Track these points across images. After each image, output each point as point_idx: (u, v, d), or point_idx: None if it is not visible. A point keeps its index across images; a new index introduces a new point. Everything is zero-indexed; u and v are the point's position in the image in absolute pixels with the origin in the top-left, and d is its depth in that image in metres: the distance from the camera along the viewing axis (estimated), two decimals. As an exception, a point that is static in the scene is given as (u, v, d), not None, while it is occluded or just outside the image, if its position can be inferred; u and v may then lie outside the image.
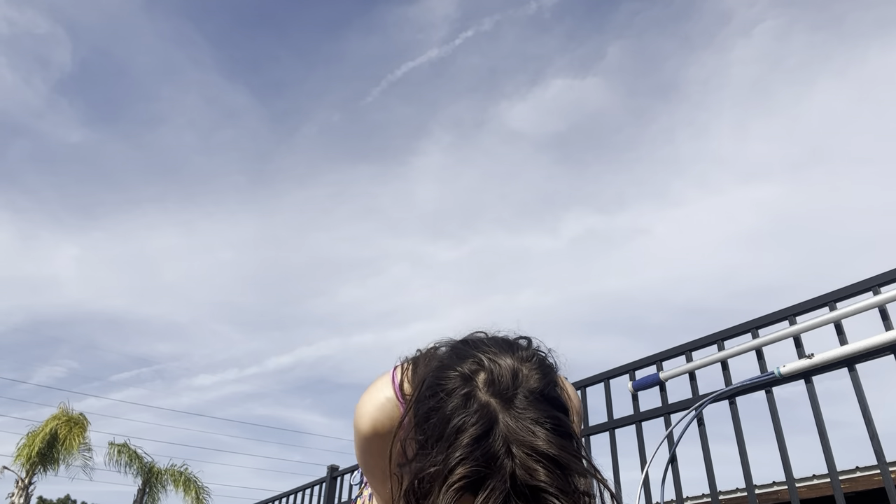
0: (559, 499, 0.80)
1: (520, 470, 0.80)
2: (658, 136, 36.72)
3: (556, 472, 0.81)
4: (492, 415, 0.83)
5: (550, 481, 0.80)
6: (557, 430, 0.85)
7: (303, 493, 4.88)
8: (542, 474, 0.80)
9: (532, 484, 0.80)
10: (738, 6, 33.68)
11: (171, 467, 19.21)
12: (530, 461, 0.81)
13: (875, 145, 32.24)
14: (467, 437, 0.82)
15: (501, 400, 0.85)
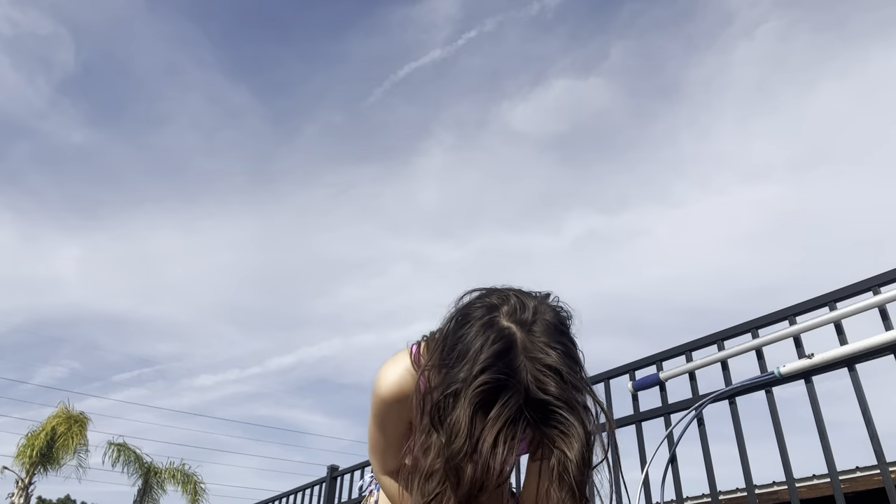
0: (565, 410, 0.92)
1: (532, 383, 0.92)
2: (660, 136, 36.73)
3: (564, 387, 0.93)
4: (512, 336, 0.95)
5: (559, 394, 0.92)
6: (567, 354, 0.97)
7: (303, 493, 4.88)
8: (552, 387, 0.92)
9: (542, 397, 0.92)
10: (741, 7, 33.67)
11: (170, 466, 19.22)
12: (542, 375, 0.93)
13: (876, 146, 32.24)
14: (490, 351, 0.93)
15: (520, 326, 0.97)
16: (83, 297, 46.10)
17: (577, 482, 0.94)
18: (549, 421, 0.93)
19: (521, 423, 0.92)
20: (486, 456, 0.91)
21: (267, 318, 51.54)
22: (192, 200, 44.43)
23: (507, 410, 0.91)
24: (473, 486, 0.93)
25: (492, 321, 0.98)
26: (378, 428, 1.26)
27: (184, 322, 50.40)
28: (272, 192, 43.81)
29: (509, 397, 0.91)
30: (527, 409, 0.92)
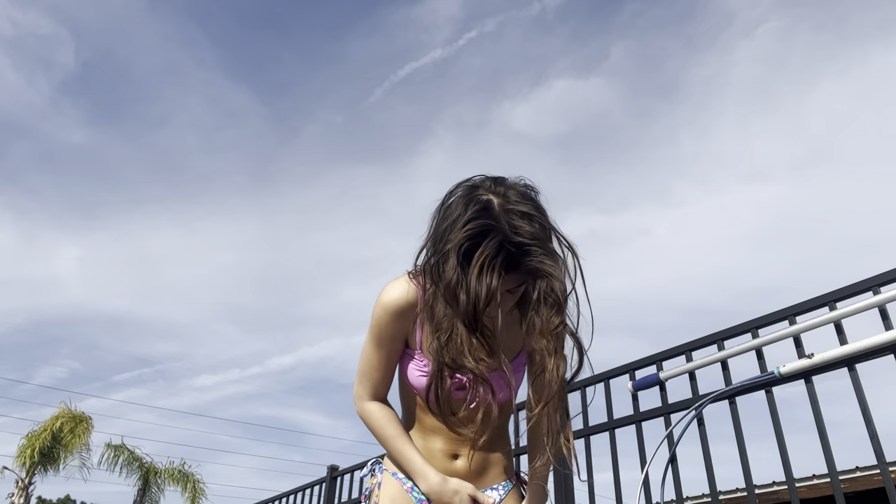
0: (539, 246, 1.13)
1: (509, 229, 1.11)
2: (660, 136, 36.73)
3: (537, 231, 1.13)
4: (489, 200, 1.15)
5: (533, 234, 1.13)
6: (537, 209, 1.18)
7: (303, 493, 4.88)
8: (527, 229, 1.12)
9: (518, 239, 1.11)
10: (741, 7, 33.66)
11: (170, 466, 19.21)
12: (517, 222, 1.12)
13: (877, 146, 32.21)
14: (471, 212, 1.13)
15: (496, 194, 1.17)
16: (83, 297, 46.11)
17: (560, 297, 1.15)
18: (527, 256, 1.12)
19: (501, 257, 1.10)
20: (473, 284, 1.10)
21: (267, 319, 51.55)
22: (192, 200, 44.45)
23: (489, 248, 1.10)
24: (468, 312, 1.12)
25: (471, 195, 1.18)
26: (376, 343, 1.39)
27: (184, 322, 50.43)
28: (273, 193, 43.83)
29: (490, 238, 1.11)
30: (507, 245, 1.10)
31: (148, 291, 44.20)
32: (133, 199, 42.10)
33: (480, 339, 1.18)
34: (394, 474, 1.47)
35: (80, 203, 43.48)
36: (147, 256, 42.68)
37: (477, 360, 1.21)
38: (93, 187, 43.59)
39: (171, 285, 45.33)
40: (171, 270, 45.22)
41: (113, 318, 47.04)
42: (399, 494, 1.42)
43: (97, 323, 48.24)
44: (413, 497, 1.42)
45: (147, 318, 45.94)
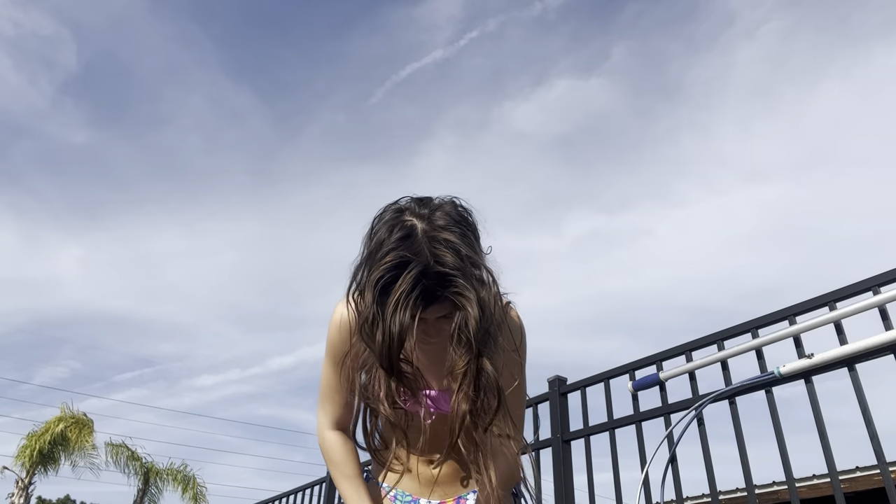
0: (460, 277, 1.06)
1: (431, 258, 1.05)
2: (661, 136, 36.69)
3: (460, 260, 1.06)
4: (413, 226, 1.09)
5: (455, 264, 1.05)
6: (464, 235, 1.11)
7: (303, 493, 4.88)
8: (449, 259, 1.05)
9: (439, 269, 1.05)
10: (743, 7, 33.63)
11: (170, 467, 19.20)
12: (439, 251, 1.05)
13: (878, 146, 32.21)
14: (395, 239, 1.07)
15: (420, 218, 1.10)
16: (84, 298, 46.11)
17: (474, 336, 1.07)
18: (448, 287, 1.06)
19: (418, 290, 1.04)
20: (388, 321, 1.05)
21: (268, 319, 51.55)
22: (193, 201, 44.44)
23: (406, 283, 1.04)
24: (383, 354, 1.07)
25: (396, 219, 1.12)
26: (331, 363, 1.37)
27: (185, 322, 50.43)
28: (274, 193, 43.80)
29: (410, 271, 1.04)
30: (425, 279, 1.04)
31: (149, 292, 44.21)
32: (134, 200, 42.10)
33: (398, 382, 1.13)
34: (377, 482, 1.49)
35: (82, 203, 43.46)
36: (148, 256, 42.69)
37: (391, 405, 1.17)
38: (94, 187, 43.58)
39: (173, 285, 45.35)
40: (173, 270, 45.25)
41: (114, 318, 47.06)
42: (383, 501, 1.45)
43: (98, 323, 48.24)
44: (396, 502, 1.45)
45: (148, 319, 45.97)
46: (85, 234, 44.50)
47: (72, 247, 45.33)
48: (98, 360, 48.79)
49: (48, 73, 38.24)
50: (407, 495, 1.46)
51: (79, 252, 44.99)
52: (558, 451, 2.83)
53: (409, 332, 1.06)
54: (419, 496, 1.46)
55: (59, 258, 43.17)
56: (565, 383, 2.97)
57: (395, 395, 1.17)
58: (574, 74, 38.36)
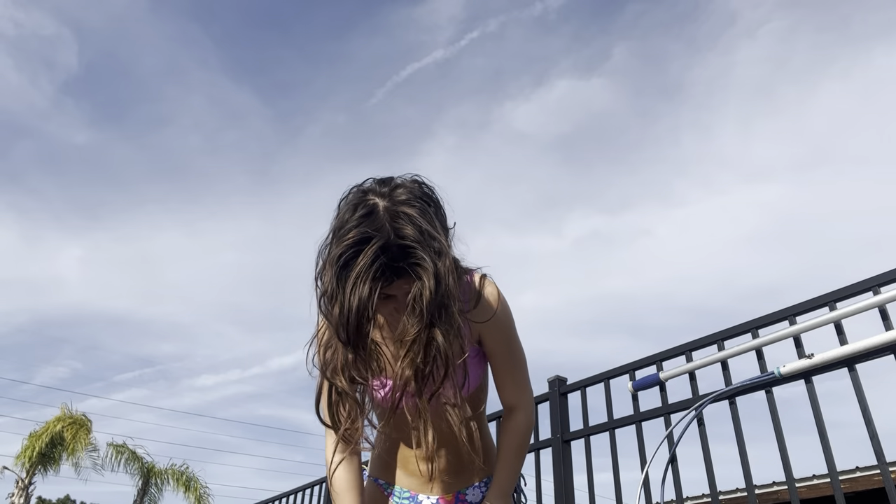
0: (419, 249, 1.08)
1: (391, 232, 1.07)
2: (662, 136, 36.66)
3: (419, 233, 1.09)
4: (374, 203, 1.11)
5: (414, 236, 1.08)
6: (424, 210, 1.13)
7: (303, 493, 4.88)
8: (409, 231, 1.08)
9: (399, 242, 1.07)
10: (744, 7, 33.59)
11: (171, 467, 19.20)
12: (399, 225, 1.08)
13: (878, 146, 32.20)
14: (357, 216, 1.10)
15: (382, 196, 1.13)
16: (85, 298, 46.09)
17: (427, 308, 1.09)
18: (407, 258, 1.08)
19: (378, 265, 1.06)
20: (346, 294, 1.07)
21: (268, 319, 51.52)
22: (194, 201, 44.41)
23: (366, 258, 1.06)
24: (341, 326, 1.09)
25: (359, 199, 1.14)
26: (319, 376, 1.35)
27: (185, 322, 50.40)
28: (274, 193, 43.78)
29: (371, 246, 1.07)
30: (385, 253, 1.07)
31: (149, 292, 44.19)
32: (135, 200, 42.07)
33: (358, 354, 1.15)
34: (375, 479, 1.50)
35: (82, 203, 43.45)
36: (149, 257, 42.67)
37: (348, 378, 1.18)
38: (95, 188, 43.57)
39: (173, 285, 45.33)
40: (173, 271, 45.25)
41: (114, 318, 47.06)
42: (380, 498, 1.47)
43: (99, 323, 48.23)
44: (393, 500, 1.46)
45: (148, 319, 45.96)
46: (85, 234, 44.49)
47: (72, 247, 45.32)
48: (98, 360, 48.80)
49: (49, 73, 38.23)
50: (405, 492, 1.46)
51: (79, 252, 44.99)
52: (558, 451, 2.83)
53: (368, 305, 1.07)
54: (417, 492, 1.46)
55: (59, 258, 43.17)
56: (565, 383, 2.97)
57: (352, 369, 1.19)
58: (575, 75, 38.33)
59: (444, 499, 1.45)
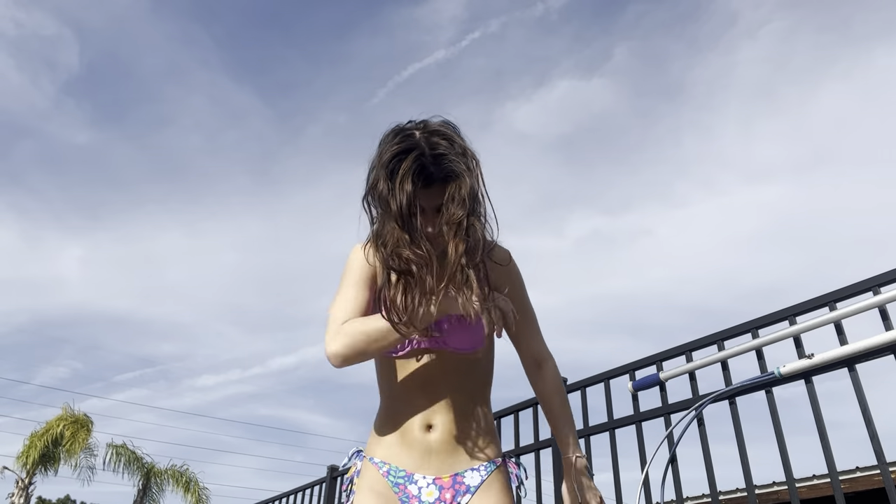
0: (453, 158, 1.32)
1: (428, 147, 1.32)
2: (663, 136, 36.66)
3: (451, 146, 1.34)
4: (413, 130, 1.36)
5: (448, 148, 1.33)
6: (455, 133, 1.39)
7: (303, 493, 4.89)
8: (444, 145, 1.33)
9: (436, 152, 1.32)
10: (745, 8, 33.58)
11: (171, 468, 19.19)
12: (435, 140, 1.33)
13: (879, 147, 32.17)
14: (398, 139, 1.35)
15: (419, 127, 1.37)
16: (86, 298, 46.09)
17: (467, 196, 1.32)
18: (443, 165, 1.32)
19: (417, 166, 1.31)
20: (398, 190, 1.31)
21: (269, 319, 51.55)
22: (195, 201, 44.43)
23: (408, 161, 1.31)
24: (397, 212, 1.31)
25: (398, 130, 1.38)
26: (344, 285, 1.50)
27: (186, 322, 50.42)
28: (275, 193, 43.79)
29: (411, 155, 1.31)
30: (423, 158, 1.31)
31: (150, 292, 44.16)
32: (136, 200, 42.06)
33: (414, 235, 1.33)
34: (371, 459, 1.47)
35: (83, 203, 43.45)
36: (149, 257, 42.66)
37: (410, 250, 1.33)
38: (95, 188, 43.57)
39: (174, 285, 45.32)
40: (174, 271, 45.24)
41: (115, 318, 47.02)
42: (377, 480, 1.42)
43: (99, 323, 48.22)
44: (389, 481, 1.42)
45: (149, 319, 45.97)
46: (86, 234, 44.51)
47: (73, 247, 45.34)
48: (99, 360, 48.78)
49: (50, 73, 38.25)
50: (401, 471, 1.43)
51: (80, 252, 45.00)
52: (559, 451, 2.83)
53: (413, 198, 1.31)
54: (414, 471, 1.43)
55: (60, 258, 43.19)
56: (565, 383, 2.97)
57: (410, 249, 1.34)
58: (576, 75, 38.36)
59: (440, 479, 1.42)
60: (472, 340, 1.47)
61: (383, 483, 1.42)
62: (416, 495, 1.39)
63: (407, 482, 1.41)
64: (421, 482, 1.41)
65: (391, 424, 1.48)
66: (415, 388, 1.47)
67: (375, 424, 1.54)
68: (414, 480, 1.42)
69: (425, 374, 1.47)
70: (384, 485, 1.42)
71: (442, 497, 1.40)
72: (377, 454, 1.47)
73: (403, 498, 1.40)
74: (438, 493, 1.40)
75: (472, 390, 1.51)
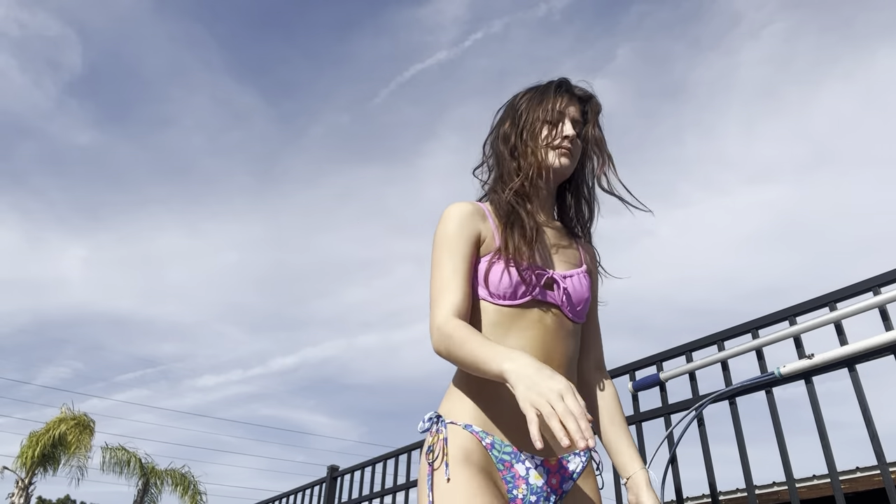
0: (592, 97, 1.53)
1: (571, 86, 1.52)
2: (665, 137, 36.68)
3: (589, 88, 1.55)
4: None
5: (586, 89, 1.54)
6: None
7: (303, 493, 4.88)
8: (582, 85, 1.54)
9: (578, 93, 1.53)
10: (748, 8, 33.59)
11: (170, 468, 19.20)
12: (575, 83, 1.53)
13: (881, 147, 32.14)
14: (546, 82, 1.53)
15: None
16: (87, 298, 46.12)
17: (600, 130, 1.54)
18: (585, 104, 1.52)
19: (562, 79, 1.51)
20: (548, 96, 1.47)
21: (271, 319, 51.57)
22: (197, 201, 44.46)
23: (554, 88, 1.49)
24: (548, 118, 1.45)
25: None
26: (447, 253, 1.34)
27: (187, 322, 50.46)
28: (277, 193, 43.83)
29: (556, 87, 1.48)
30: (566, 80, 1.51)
31: (152, 292, 44.23)
32: (138, 200, 42.13)
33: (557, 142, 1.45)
34: (468, 427, 1.24)
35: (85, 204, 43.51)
36: (151, 257, 42.72)
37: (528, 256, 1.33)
38: (98, 188, 43.64)
39: (175, 286, 45.38)
40: (176, 271, 45.29)
41: (117, 318, 47.06)
42: (476, 452, 1.21)
43: (101, 323, 48.29)
44: (493, 455, 1.22)
45: (151, 319, 46.00)
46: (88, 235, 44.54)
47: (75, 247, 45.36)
48: (100, 361, 48.82)
49: (53, 73, 38.30)
50: (507, 446, 1.24)
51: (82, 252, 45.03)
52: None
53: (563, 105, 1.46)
54: (521, 448, 1.24)
55: (62, 259, 43.22)
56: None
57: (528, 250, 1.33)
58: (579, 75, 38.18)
59: (548, 462, 1.25)
60: (584, 306, 1.40)
61: (486, 457, 1.21)
62: (523, 476, 1.22)
63: (514, 460, 1.23)
64: (528, 462, 1.23)
65: (495, 392, 1.26)
66: (528, 350, 1.27)
67: (467, 385, 1.31)
68: (521, 459, 1.23)
69: (541, 335, 1.30)
70: (487, 459, 1.21)
71: (549, 482, 1.24)
72: (475, 422, 1.25)
73: (508, 477, 1.21)
74: (545, 478, 1.24)
75: (573, 363, 1.37)
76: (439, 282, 1.30)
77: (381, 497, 3.87)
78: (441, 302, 1.27)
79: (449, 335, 1.21)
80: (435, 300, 1.28)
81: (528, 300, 1.32)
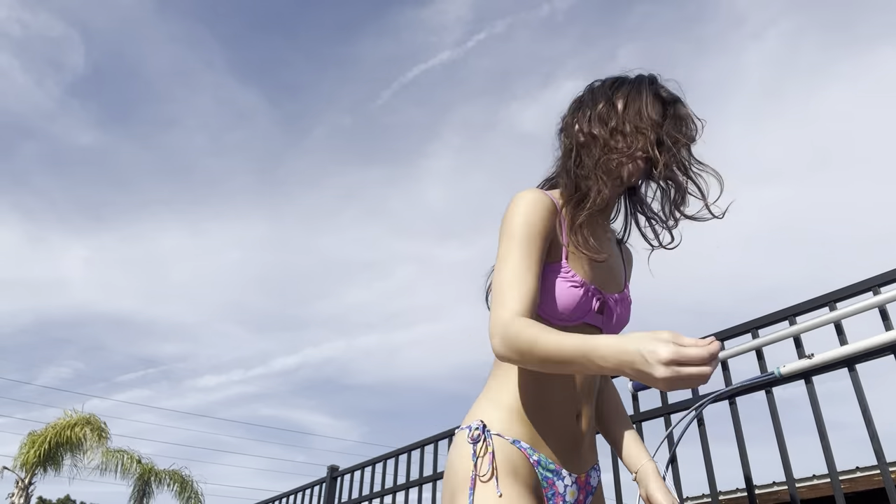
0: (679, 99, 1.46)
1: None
2: (665, 137, 36.60)
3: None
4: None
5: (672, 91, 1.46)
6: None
7: (303, 493, 4.88)
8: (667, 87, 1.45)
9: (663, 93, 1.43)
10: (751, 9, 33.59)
11: (169, 469, 19.21)
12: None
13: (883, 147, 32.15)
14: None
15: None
16: (89, 298, 46.15)
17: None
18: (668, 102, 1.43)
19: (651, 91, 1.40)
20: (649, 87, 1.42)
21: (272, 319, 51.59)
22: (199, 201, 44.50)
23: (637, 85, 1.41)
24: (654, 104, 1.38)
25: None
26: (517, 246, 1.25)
27: (189, 323, 50.48)
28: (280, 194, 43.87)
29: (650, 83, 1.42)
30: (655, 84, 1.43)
31: (153, 292, 44.26)
32: (140, 200, 42.17)
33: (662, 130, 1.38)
34: (515, 442, 1.22)
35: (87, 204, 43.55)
36: (153, 257, 42.75)
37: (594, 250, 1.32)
38: (100, 188, 43.68)
39: (177, 286, 45.42)
40: (178, 271, 45.33)
41: (118, 318, 47.08)
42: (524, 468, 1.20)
43: (102, 323, 48.31)
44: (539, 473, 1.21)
45: (152, 319, 46.03)
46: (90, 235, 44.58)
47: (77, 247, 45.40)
48: (101, 361, 48.85)
49: (55, 74, 38.33)
50: (551, 463, 1.23)
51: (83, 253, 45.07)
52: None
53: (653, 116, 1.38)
54: (563, 465, 1.24)
55: (63, 259, 43.26)
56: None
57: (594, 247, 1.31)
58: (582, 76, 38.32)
59: (580, 478, 1.27)
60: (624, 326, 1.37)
61: (532, 474, 1.21)
62: (561, 493, 1.23)
63: (556, 478, 1.24)
64: (567, 479, 1.25)
65: (538, 404, 1.25)
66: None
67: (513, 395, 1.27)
68: (562, 476, 1.24)
69: None
70: (533, 476, 1.21)
71: (578, 499, 1.26)
72: (524, 438, 1.23)
73: (549, 494, 1.22)
74: (577, 494, 1.26)
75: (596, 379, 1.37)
76: (507, 275, 1.22)
77: (381, 497, 3.88)
78: (506, 299, 1.19)
79: (518, 333, 1.14)
80: (500, 296, 1.20)
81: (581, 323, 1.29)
